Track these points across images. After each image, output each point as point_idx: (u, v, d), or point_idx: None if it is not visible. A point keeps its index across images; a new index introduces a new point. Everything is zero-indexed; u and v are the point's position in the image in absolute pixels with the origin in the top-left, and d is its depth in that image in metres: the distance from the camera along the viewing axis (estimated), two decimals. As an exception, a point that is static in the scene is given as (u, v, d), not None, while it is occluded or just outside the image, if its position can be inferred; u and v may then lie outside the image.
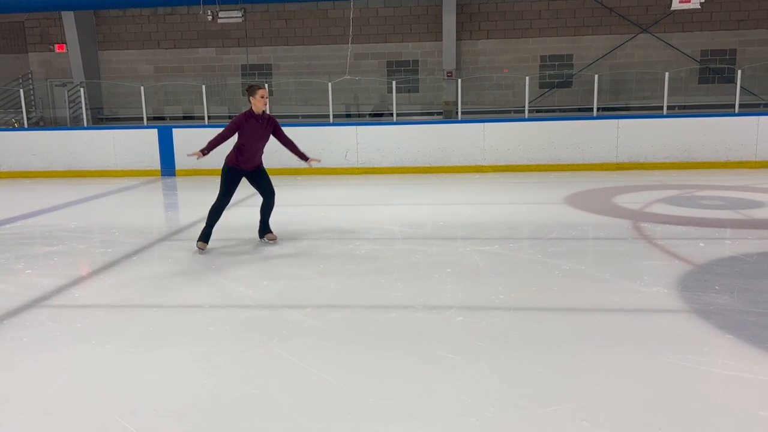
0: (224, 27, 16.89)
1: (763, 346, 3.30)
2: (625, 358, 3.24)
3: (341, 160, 12.22)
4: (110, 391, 2.99)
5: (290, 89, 17.17)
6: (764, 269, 4.74)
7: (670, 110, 12.59)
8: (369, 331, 3.70)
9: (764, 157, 11.36)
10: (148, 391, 2.99)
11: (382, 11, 16.85)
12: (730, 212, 7.16)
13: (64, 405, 2.87)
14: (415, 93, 17.02)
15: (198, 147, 5.97)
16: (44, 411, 2.81)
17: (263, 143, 6.17)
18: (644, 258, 5.25)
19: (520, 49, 16.58)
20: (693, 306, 3.97)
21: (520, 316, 3.93)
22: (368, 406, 2.78)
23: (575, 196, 8.58)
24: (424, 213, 7.76)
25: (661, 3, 15.26)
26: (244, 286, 4.67)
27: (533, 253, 5.48)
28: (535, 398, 2.81)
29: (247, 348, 3.48)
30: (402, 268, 5.13)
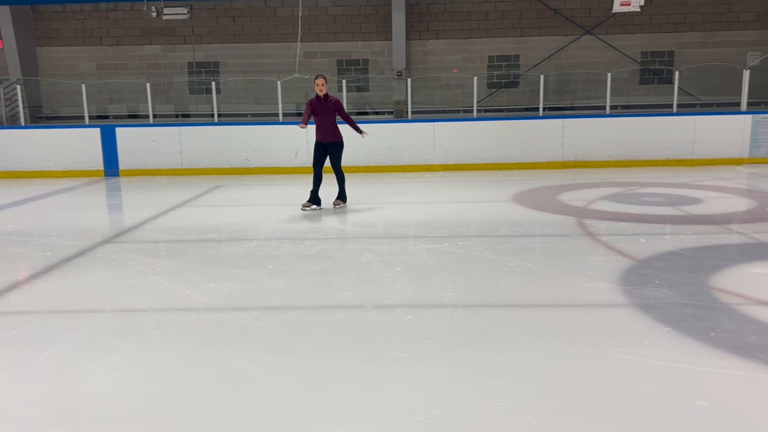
0: (169, 24, 16.52)
1: (699, 338, 3.43)
2: (570, 352, 3.31)
3: (291, 160, 12.12)
4: (48, 400, 2.88)
5: (239, 87, 16.93)
6: (701, 263, 4.93)
7: (613, 110, 12.96)
8: (318, 332, 3.67)
9: (701, 155, 11.83)
10: (89, 398, 2.88)
11: (331, 10, 16.79)
12: (670, 208, 7.42)
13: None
14: (365, 92, 17.03)
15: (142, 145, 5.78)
16: (-25, 424, 2.68)
17: (326, 119, 7.74)
18: (588, 254, 5.38)
19: (468, 50, 16.78)
20: (634, 300, 4.09)
21: (468, 313, 3.97)
22: (316, 408, 2.75)
23: (522, 194, 8.74)
24: (375, 212, 7.76)
25: (603, 5, 15.71)
26: (190, 288, 4.57)
27: (482, 251, 5.55)
28: (482, 394, 2.84)
29: (192, 352, 3.40)
30: (352, 268, 5.12)
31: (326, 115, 7.69)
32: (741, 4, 16.19)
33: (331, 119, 7.73)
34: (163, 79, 16.99)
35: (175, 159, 12.15)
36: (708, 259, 5.07)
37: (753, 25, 16.23)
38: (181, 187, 10.38)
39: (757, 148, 11.82)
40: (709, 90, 15.38)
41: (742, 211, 7.32)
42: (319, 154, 7.85)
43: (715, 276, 4.57)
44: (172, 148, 12.14)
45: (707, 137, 11.83)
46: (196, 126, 12.53)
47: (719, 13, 16.24)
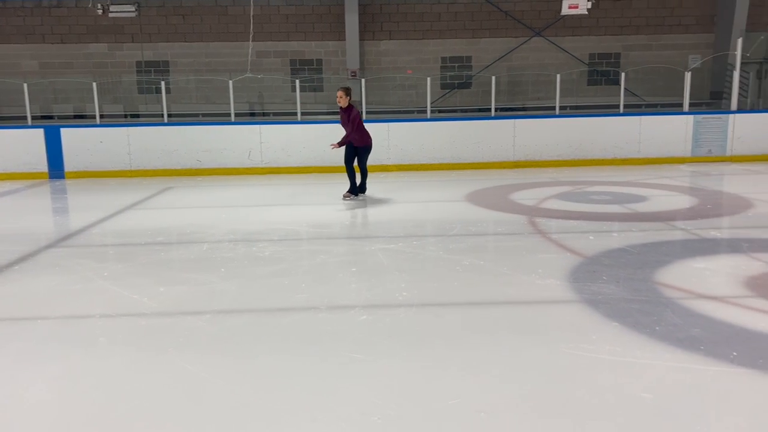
0: (116, 22, 16.09)
1: (645, 332, 3.53)
2: (520, 348, 3.36)
3: (244, 160, 11.97)
4: (-14, 413, 2.76)
5: (189, 87, 16.61)
6: (646, 259, 5.09)
7: (562, 110, 13.25)
8: (271, 335, 3.64)
9: (647, 155, 12.21)
10: (33, 409, 2.78)
11: (283, 9, 16.64)
12: (617, 206, 7.63)
13: (-69, 432, 2.62)
14: (320, 92, 16.94)
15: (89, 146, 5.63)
16: None
17: (348, 129, 8.39)
18: (539, 252, 5.49)
19: (421, 51, 16.89)
20: (583, 296, 4.19)
21: (422, 312, 3.99)
22: (269, 411, 2.72)
23: (475, 194, 8.85)
24: (331, 213, 7.74)
25: (552, 8, 16.05)
26: (139, 293, 4.46)
27: (436, 250, 5.60)
28: (435, 393, 2.86)
29: (141, 359, 3.32)
30: (307, 269, 5.09)
31: (347, 125, 8.36)
32: (682, 8, 16.78)
33: (352, 128, 8.32)
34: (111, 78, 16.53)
35: (124, 160, 11.84)
36: (653, 255, 5.23)
37: (693, 29, 16.84)
38: (130, 189, 10.12)
39: (698, 148, 12.27)
40: (653, 91, 15.88)
41: (686, 208, 7.59)
42: (348, 152, 8.55)
43: (659, 271, 4.72)
44: (120, 149, 11.83)
45: (652, 137, 12.22)
46: (146, 126, 12.24)
47: (662, 17, 16.80)
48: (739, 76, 12.73)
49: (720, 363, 3.11)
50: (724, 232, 6.28)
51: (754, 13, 16.06)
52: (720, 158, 12.22)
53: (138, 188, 10.24)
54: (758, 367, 3.05)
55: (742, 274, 4.61)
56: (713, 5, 16.68)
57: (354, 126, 8.28)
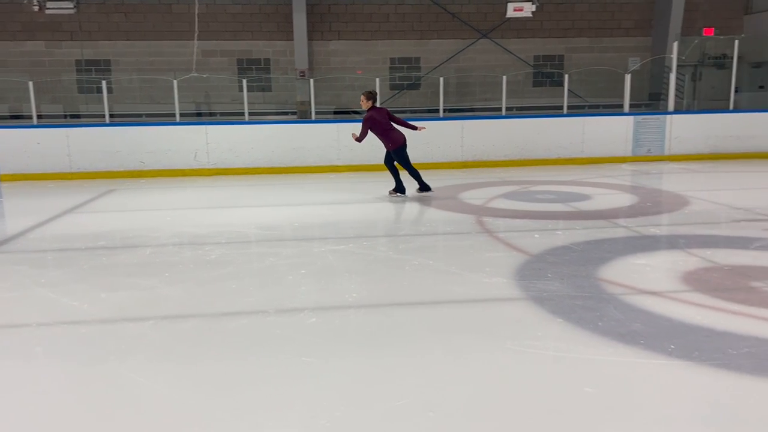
0: (54, 18, 15.50)
1: (588, 327, 3.63)
2: (469, 346, 3.40)
3: (190, 161, 11.71)
4: None
5: (133, 87, 16.16)
6: (589, 256, 5.22)
7: (509, 111, 13.48)
8: (217, 340, 3.57)
9: (589, 154, 12.54)
10: (-40, 426, 2.65)
11: (230, 8, 16.39)
12: (561, 205, 7.82)
13: None
14: (268, 92, 16.75)
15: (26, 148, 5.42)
16: None
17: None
18: (487, 250, 5.57)
19: (370, 51, 16.91)
20: (529, 294, 4.27)
21: (372, 313, 3.99)
22: (216, 419, 2.67)
23: (424, 194, 8.90)
24: (280, 214, 7.65)
25: (498, 11, 16.31)
26: (79, 300, 4.30)
27: (386, 250, 5.61)
28: (384, 394, 2.86)
29: (80, 368, 3.20)
30: (255, 272, 5.02)
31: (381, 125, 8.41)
32: (622, 12, 17.33)
33: (381, 130, 8.33)
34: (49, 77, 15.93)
35: (63, 162, 11.41)
36: (596, 252, 5.37)
37: (633, 32, 17.42)
38: (70, 192, 9.77)
39: (638, 147, 12.69)
40: (595, 92, 16.34)
41: (627, 206, 7.83)
42: (387, 153, 8.68)
43: (602, 268, 4.85)
44: (59, 150, 11.39)
45: (595, 137, 12.56)
46: (87, 127, 11.83)
47: (603, 20, 17.31)
48: (676, 79, 13.23)
49: (659, 356, 3.22)
50: (663, 229, 6.51)
51: (688, 17, 16.73)
52: (659, 157, 12.66)
53: (79, 191, 9.89)
54: (694, 359, 3.17)
55: (679, 270, 4.78)
56: (651, 10, 17.29)
57: (362, 130, 8.33)
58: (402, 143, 8.38)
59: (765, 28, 16.81)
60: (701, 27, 16.45)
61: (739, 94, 14.79)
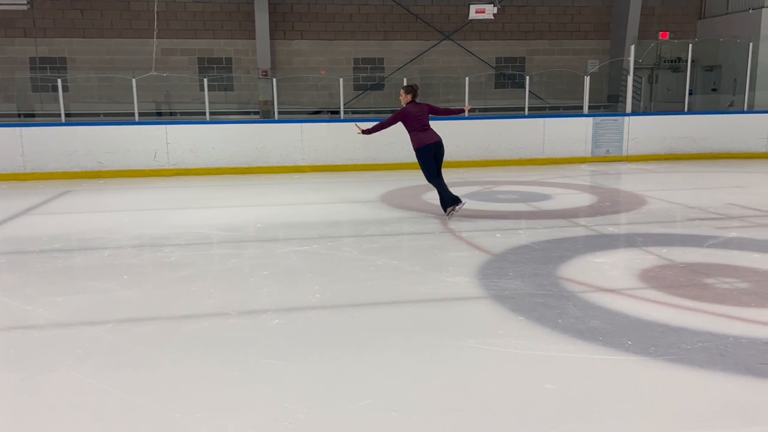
0: (6, 15, 15.04)
1: (548, 325, 3.68)
2: (431, 345, 3.42)
3: (150, 161, 11.48)
4: None
5: (90, 85, 15.78)
6: (550, 255, 5.31)
7: (471, 112, 13.61)
8: (177, 344, 3.50)
9: (550, 155, 12.75)
10: None
11: (190, 6, 16.15)
12: (523, 205, 7.92)
13: None
14: (230, 91, 16.57)
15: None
16: None
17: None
18: (450, 250, 5.61)
19: (333, 51, 16.87)
20: (490, 292, 4.32)
21: (335, 314, 3.98)
22: (175, 422, 2.62)
23: (389, 194, 8.93)
24: (242, 215, 7.57)
25: (461, 12, 16.46)
26: (33, 304, 4.18)
27: (350, 251, 5.60)
28: (347, 394, 2.86)
29: (35, 373, 3.11)
30: (216, 274, 4.95)
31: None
32: (581, 15, 17.69)
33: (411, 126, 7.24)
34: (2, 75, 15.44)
35: (17, 162, 11.06)
36: (556, 250, 5.46)
37: (591, 35, 17.79)
38: (23, 194, 9.47)
39: (597, 148, 12.95)
40: (556, 94, 16.63)
41: (586, 206, 7.98)
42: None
43: (562, 266, 4.94)
44: (12, 150, 11.03)
45: (555, 138, 12.77)
46: (41, 126, 11.49)
47: (563, 23, 17.64)
48: (633, 81, 13.55)
49: (617, 352, 3.29)
50: (621, 228, 6.66)
51: (645, 21, 17.17)
52: (617, 158, 12.94)
53: (33, 192, 9.60)
54: (650, 355, 3.24)
55: (637, 267, 4.90)
56: (609, 14, 17.69)
57: (387, 120, 7.35)
58: (423, 145, 7.12)
59: (717, 32, 17.36)
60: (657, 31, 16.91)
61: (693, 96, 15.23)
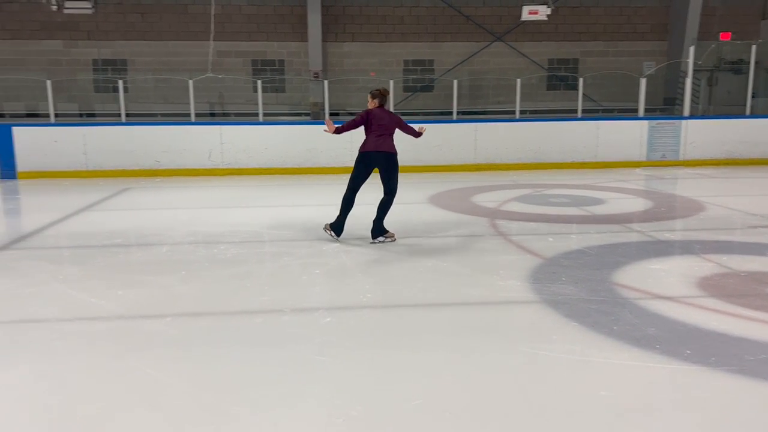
0: (72, 18, 15.67)
1: (603, 331, 3.62)
2: (483, 349, 3.41)
3: (204, 161, 11.79)
4: (-65, 422, 2.66)
5: (148, 86, 16.29)
6: (604, 261, 5.21)
7: (522, 114, 13.46)
8: (233, 338, 3.59)
9: (603, 158, 12.49)
10: (-18, 418, 2.69)
11: (245, 9, 16.48)
12: (575, 209, 7.79)
13: None
14: (282, 93, 16.83)
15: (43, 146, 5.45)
16: None
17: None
18: (500, 253, 5.57)
19: (384, 53, 16.94)
20: (543, 297, 4.27)
21: (386, 314, 4.01)
22: (231, 416, 2.69)
23: (438, 196, 8.92)
24: (293, 215, 7.69)
25: (513, 14, 16.29)
26: (96, 296, 4.35)
27: (399, 252, 5.62)
28: (399, 394, 2.88)
29: (99, 363, 3.24)
30: (269, 272, 5.05)
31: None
32: (637, 16, 17.25)
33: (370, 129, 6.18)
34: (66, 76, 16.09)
35: (80, 160, 11.53)
36: (610, 256, 5.35)
37: (648, 36, 17.34)
38: (85, 190, 9.86)
39: (653, 152, 12.62)
40: (610, 96, 16.27)
41: (641, 211, 7.79)
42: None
43: (617, 272, 4.84)
44: (76, 149, 11.51)
45: (609, 141, 12.51)
46: (103, 126, 11.95)
47: (618, 24, 17.24)
48: (692, 83, 13.15)
49: (675, 361, 3.21)
50: (678, 234, 6.48)
51: (705, 22, 16.62)
52: (673, 162, 12.59)
53: (94, 189, 9.99)
54: (711, 365, 3.15)
55: (694, 275, 4.76)
56: (667, 14, 17.20)
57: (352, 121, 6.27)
58: (362, 151, 6.15)
59: (782, 33, 16.66)
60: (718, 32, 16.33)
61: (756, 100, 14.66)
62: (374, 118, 6.12)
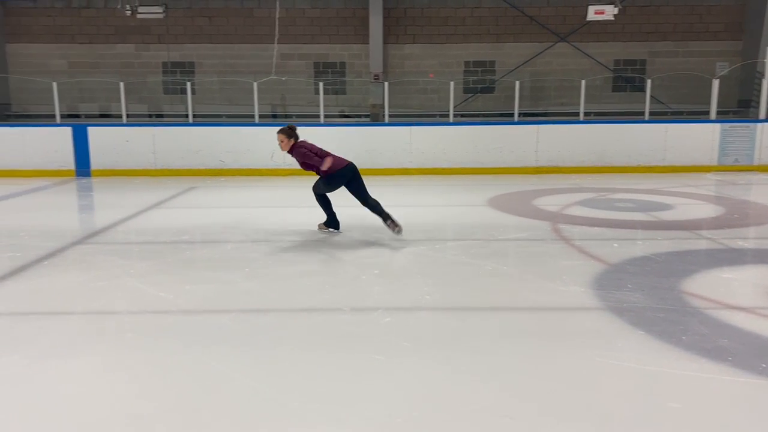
0: (144, 23, 16.29)
1: (671, 341, 3.49)
2: (545, 354, 3.34)
3: (267, 161, 12.05)
4: (19, 404, 2.81)
5: (214, 88, 16.77)
6: (672, 268, 5.03)
7: (586, 116, 13.15)
8: (295, 335, 3.66)
9: (672, 162, 12.06)
10: (61, 403, 2.83)
11: (308, 12, 16.75)
12: (641, 214, 7.55)
13: (-35, 421, 2.68)
14: (342, 95, 17.01)
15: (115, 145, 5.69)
16: (-58, 428, 2.62)
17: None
18: (562, 258, 5.45)
19: (445, 55, 16.87)
20: (607, 304, 4.16)
21: (446, 317, 3.99)
22: (294, 411, 2.74)
23: (497, 199, 8.82)
24: (351, 215, 7.74)
25: (578, 14, 15.91)
26: (165, 291, 4.51)
27: (458, 254, 5.58)
28: (459, 396, 2.86)
29: (167, 355, 3.36)
30: (328, 271, 5.11)
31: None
32: (710, 15, 16.56)
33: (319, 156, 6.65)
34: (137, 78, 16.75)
35: (149, 159, 11.99)
36: (679, 264, 5.16)
37: (721, 36, 16.61)
38: (154, 188, 10.24)
39: (725, 156, 12.10)
40: (679, 98, 15.69)
41: (711, 217, 7.48)
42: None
43: (686, 280, 4.66)
44: (145, 148, 11.98)
45: (678, 145, 12.07)
46: (171, 126, 12.39)
47: (690, 23, 16.60)
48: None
49: (748, 374, 3.06)
50: (751, 242, 6.18)
51: (784, 20, 15.79)
52: (747, 167, 12.03)
53: (162, 187, 10.36)
54: (788, 380, 3.00)
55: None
56: (742, 12, 16.44)
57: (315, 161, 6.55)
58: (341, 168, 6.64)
59: None
60: (798, 30, 15.51)
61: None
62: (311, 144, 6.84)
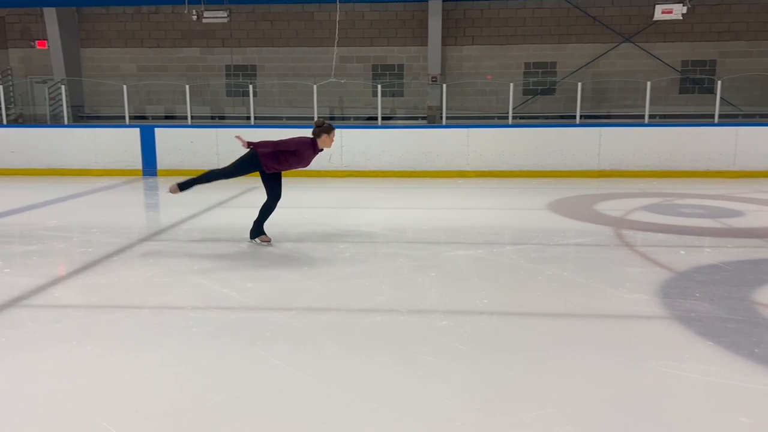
0: (209, 27, 16.80)
1: (743, 353, 3.35)
2: (607, 363, 3.26)
3: (325, 163, 12.18)
4: (92, 393, 2.95)
5: (275, 91, 17.12)
6: (743, 277, 4.82)
7: (652, 119, 12.75)
8: (354, 334, 3.69)
9: (743, 167, 11.55)
10: (131, 393, 2.95)
11: (368, 15, 16.88)
12: (710, 221, 7.27)
13: (45, 407, 2.82)
14: (399, 97, 17.07)
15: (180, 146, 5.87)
16: (25, 412, 2.76)
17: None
18: (626, 264, 5.30)
19: (504, 56, 16.70)
20: (674, 312, 4.02)
21: (504, 321, 3.95)
22: (353, 410, 2.77)
23: (558, 203, 8.65)
24: (408, 217, 7.77)
25: (644, 13, 15.48)
26: (228, 287, 4.63)
27: (516, 258, 5.51)
28: (519, 402, 2.82)
29: (230, 350, 3.45)
30: (386, 272, 5.13)
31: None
32: (787, 13, 15.80)
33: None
34: (201, 81, 17.29)
35: (212, 160, 12.33)
36: (750, 273, 4.95)
37: (799, 34, 15.82)
38: (217, 188, 10.48)
39: (801, 161, 11.49)
40: (751, 100, 15.02)
41: (786, 225, 7.13)
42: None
43: (758, 291, 4.46)
44: (209, 149, 12.33)
45: (749, 149, 11.55)
46: (233, 128, 12.70)
47: (764, 22, 15.87)
48: None
49: (828, 391, 2.91)
50: (831, 252, 5.86)
51: None
52: (825, 173, 11.40)
53: (224, 187, 10.60)
54: None
55: None
56: (822, 10, 15.62)
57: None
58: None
59: None
60: None
61: None
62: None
